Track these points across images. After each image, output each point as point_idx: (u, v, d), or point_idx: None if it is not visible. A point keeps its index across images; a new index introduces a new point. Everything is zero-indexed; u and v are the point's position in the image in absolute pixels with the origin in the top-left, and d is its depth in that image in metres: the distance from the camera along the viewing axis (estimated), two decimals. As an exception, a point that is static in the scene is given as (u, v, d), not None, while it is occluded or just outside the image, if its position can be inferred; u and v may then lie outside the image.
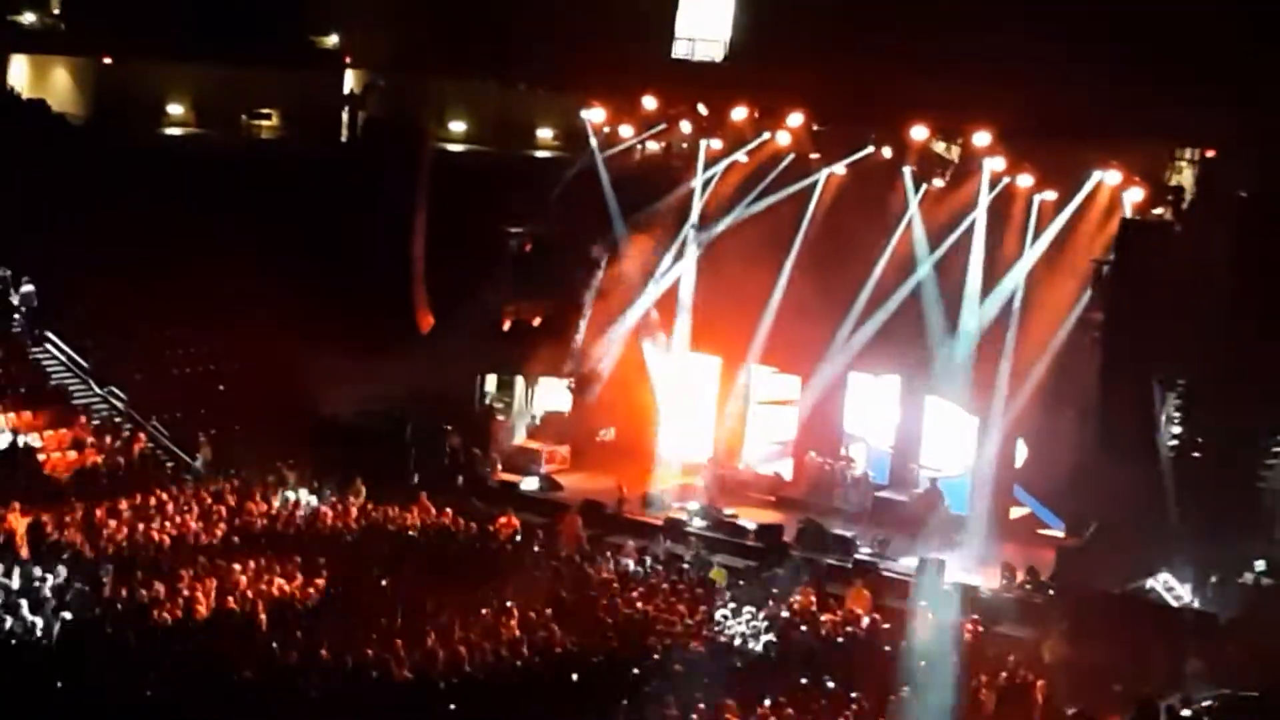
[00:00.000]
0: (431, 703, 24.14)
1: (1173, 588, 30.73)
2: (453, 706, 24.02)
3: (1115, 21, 32.27)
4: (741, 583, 31.74)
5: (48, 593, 26.90)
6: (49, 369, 38.53)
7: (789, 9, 37.18)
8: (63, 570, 27.86)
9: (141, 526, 30.98)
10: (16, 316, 38.87)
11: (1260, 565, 30.42)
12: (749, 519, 35.66)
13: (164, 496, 32.94)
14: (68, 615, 26.24)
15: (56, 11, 45.72)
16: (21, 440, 35.18)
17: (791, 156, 37.88)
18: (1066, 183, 34.25)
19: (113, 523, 31.13)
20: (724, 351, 40.02)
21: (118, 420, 37.59)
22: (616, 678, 25.48)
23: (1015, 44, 32.44)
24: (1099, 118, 32.39)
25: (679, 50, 39.81)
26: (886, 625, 29.42)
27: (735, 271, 38.55)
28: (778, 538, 34.41)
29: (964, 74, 33.27)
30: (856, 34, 34.94)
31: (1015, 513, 36.44)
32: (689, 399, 40.54)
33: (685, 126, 38.48)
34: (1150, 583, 30.97)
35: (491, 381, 42.52)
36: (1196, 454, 32.21)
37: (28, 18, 45.25)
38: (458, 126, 45.16)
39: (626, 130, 39.24)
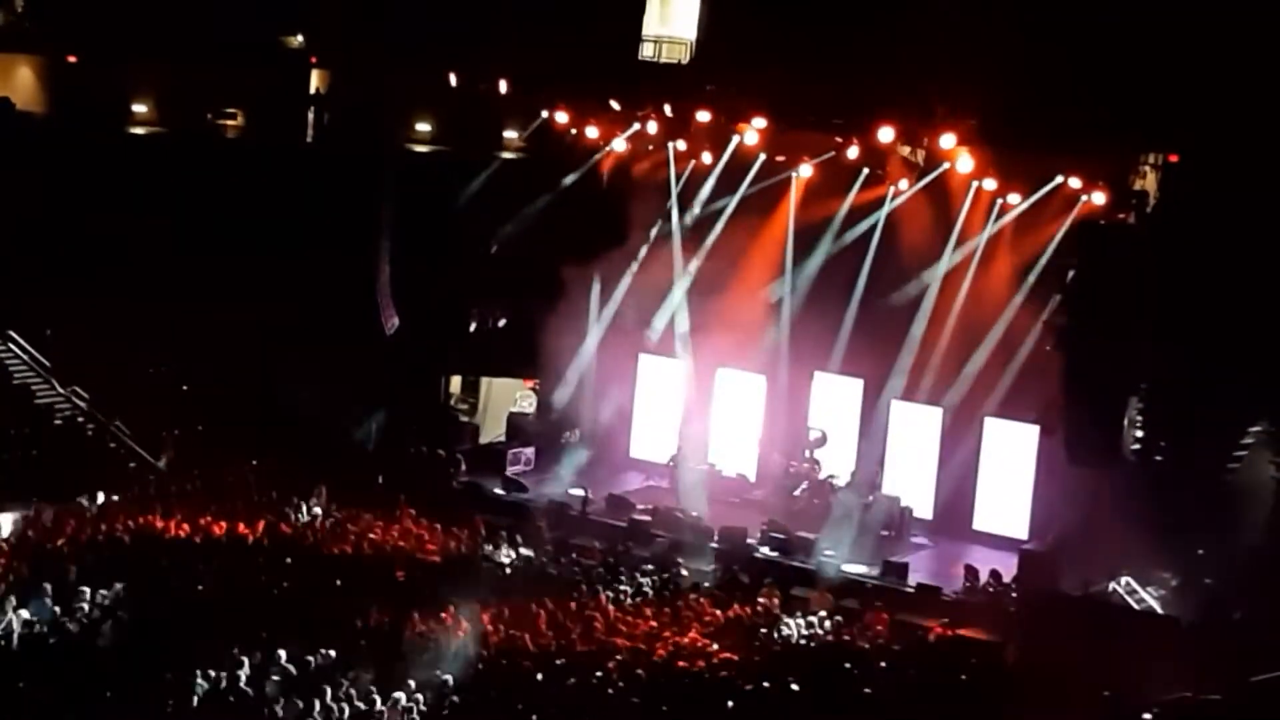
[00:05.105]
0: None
1: (1134, 590, 30.89)
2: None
3: (1079, 26, 32.35)
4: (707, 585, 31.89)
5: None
6: (10, 367, 38.41)
7: (755, 11, 37.15)
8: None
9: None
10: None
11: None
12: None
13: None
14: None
15: (21, 9, 45.48)
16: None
17: (763, 158, 37.95)
18: (1029, 187, 34.37)
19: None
20: (693, 353, 39.99)
21: (80, 420, 37.50)
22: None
23: (979, 48, 32.52)
24: (1062, 122, 32.46)
25: (645, 52, 39.79)
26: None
27: (704, 273, 38.78)
28: (741, 539, 34.49)
29: (928, 78, 33.40)
30: (822, 37, 34.96)
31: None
32: (657, 400, 40.59)
33: (651, 128, 38.45)
34: (1113, 586, 31.13)
35: (456, 383, 42.44)
36: (1159, 457, 32.36)
37: (-8, 16, 45.11)
38: (423, 127, 45.06)
39: (592, 132, 39.20)
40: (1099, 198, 33.49)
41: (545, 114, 39.41)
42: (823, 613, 30.59)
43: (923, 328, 36.36)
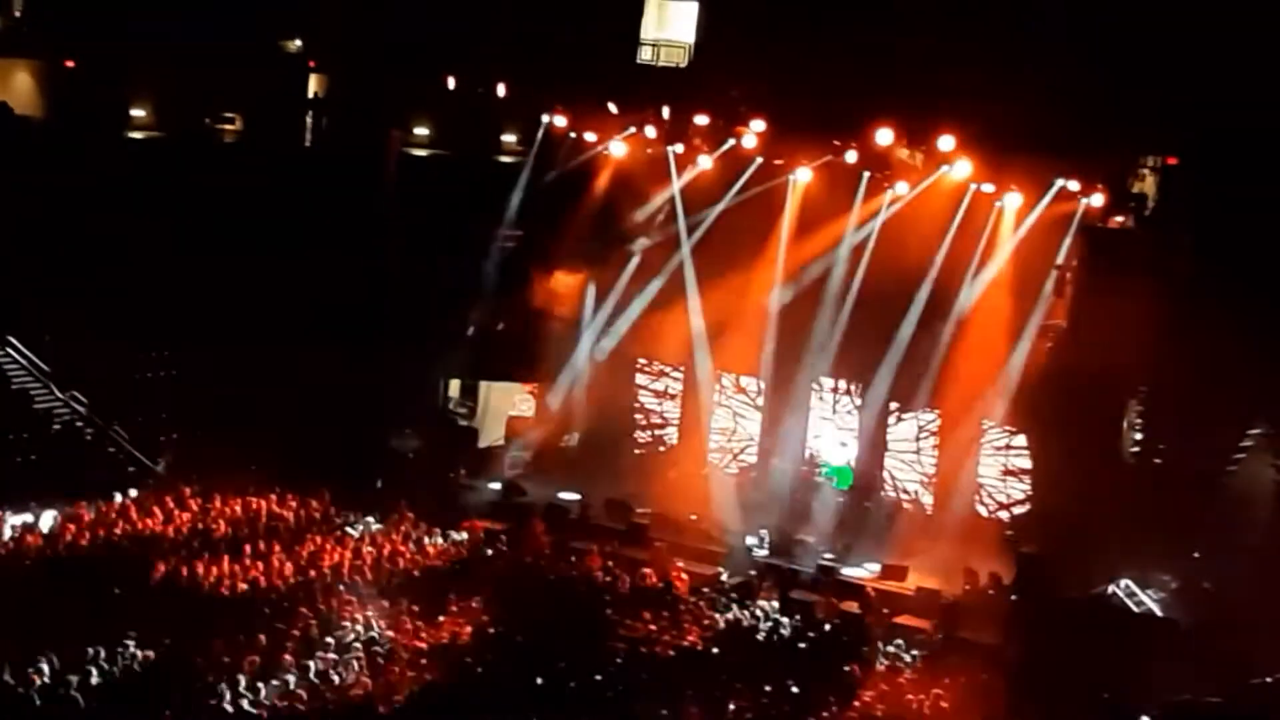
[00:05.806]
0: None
1: (1134, 593, 30.88)
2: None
3: (1078, 26, 32.39)
4: (706, 589, 31.88)
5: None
6: (9, 372, 38.38)
7: (753, 14, 37.14)
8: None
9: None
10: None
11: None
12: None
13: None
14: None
15: (19, 14, 45.46)
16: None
17: (759, 161, 37.87)
18: (1028, 189, 34.34)
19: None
20: (691, 357, 39.94)
21: (79, 424, 37.47)
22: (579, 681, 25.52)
23: (978, 50, 32.54)
24: (1061, 125, 32.47)
25: (643, 55, 39.79)
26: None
27: (702, 276, 38.78)
28: (740, 542, 34.49)
29: (927, 81, 33.39)
30: (820, 39, 34.97)
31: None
32: (658, 404, 40.61)
33: (650, 132, 38.41)
34: (1112, 588, 31.13)
35: (455, 386, 42.42)
36: (1158, 459, 32.37)
37: (-10, 21, 45.08)
38: (421, 131, 45.05)
39: (590, 135, 39.15)
40: (1098, 200, 33.49)
41: (544, 118, 39.40)
42: (821, 615, 30.60)
43: (922, 330, 36.28)
